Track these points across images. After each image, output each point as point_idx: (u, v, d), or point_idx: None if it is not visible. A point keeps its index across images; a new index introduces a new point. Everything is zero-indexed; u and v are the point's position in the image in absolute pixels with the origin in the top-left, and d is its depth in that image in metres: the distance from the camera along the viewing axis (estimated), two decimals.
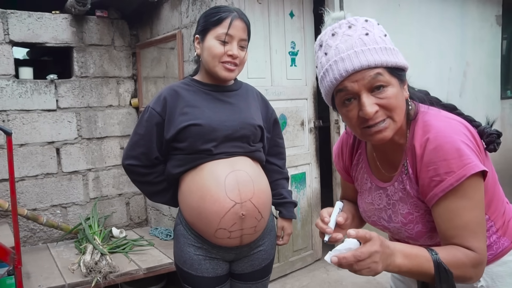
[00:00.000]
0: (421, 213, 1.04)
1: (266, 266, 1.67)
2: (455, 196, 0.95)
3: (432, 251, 0.94)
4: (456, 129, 0.98)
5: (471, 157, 0.94)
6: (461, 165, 0.93)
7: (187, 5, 2.91)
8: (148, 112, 1.55)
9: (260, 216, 1.53)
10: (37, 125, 3.22)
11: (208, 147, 1.49)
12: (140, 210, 3.73)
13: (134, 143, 1.58)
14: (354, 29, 0.97)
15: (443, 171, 0.94)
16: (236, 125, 1.54)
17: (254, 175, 1.54)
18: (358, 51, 0.95)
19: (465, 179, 0.93)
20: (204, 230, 1.50)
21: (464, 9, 4.32)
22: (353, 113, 0.99)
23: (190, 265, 1.55)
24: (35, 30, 3.19)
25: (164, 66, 3.32)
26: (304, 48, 3.30)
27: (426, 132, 0.99)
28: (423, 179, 0.98)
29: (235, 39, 1.50)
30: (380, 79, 0.95)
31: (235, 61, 1.51)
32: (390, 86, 0.97)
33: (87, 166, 3.44)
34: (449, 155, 0.94)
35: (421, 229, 1.05)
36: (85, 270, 2.59)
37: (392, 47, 0.99)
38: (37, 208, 3.24)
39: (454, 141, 0.95)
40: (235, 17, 1.50)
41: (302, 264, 3.37)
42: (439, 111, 1.06)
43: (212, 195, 1.47)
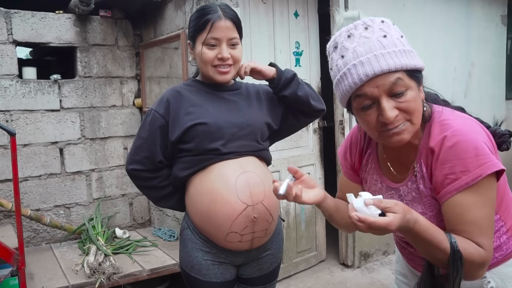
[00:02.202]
0: (435, 212, 1.03)
1: (274, 270, 1.65)
2: (468, 193, 0.94)
3: (449, 236, 0.95)
4: (474, 127, 0.98)
5: (488, 156, 0.93)
6: (477, 165, 0.92)
7: (191, 4, 2.89)
8: (151, 115, 1.52)
9: (271, 218, 1.50)
10: (41, 125, 3.21)
11: (216, 146, 1.47)
12: (144, 211, 3.71)
13: (138, 147, 1.55)
14: (371, 31, 0.96)
15: (459, 169, 0.93)
16: (242, 122, 1.52)
17: (264, 176, 1.51)
18: (378, 54, 0.94)
19: (481, 178, 0.93)
20: (214, 234, 1.47)
21: (469, 9, 4.29)
22: (372, 117, 0.98)
23: (198, 270, 1.52)
24: (39, 30, 3.18)
25: (168, 66, 3.30)
26: (309, 48, 3.28)
27: (443, 130, 0.98)
28: (437, 176, 0.98)
29: (223, 40, 1.46)
30: (401, 83, 0.95)
31: (228, 62, 1.49)
32: (409, 89, 0.96)
33: (90, 166, 3.43)
34: (466, 153, 0.93)
35: None
36: (89, 271, 2.58)
37: (410, 49, 0.98)
38: (40, 208, 3.24)
39: (472, 139, 0.94)
40: (218, 18, 1.44)
41: (306, 265, 3.36)
42: (452, 111, 1.05)
43: (223, 197, 1.43)
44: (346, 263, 3.41)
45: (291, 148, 3.20)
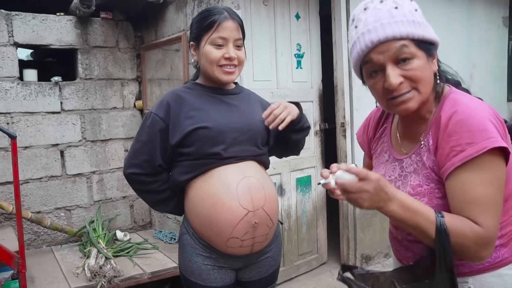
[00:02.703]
0: (431, 186, 1.03)
1: (273, 273, 1.65)
2: (471, 168, 0.94)
3: (439, 214, 0.96)
4: (486, 110, 0.98)
5: (495, 133, 0.93)
6: (484, 138, 0.93)
7: (192, 7, 2.89)
8: (150, 118, 1.51)
9: (271, 223, 1.50)
10: (42, 127, 3.21)
11: (217, 151, 1.46)
12: (144, 213, 3.71)
13: (136, 151, 1.54)
14: (385, 3, 1.00)
15: (465, 141, 0.94)
16: (244, 126, 1.51)
17: (264, 181, 1.51)
18: (385, 23, 0.98)
19: (485, 151, 0.92)
20: (215, 239, 1.47)
21: (471, 11, 4.28)
22: (379, 85, 1.02)
23: (198, 275, 1.51)
24: (40, 32, 3.18)
25: (169, 68, 3.30)
26: (310, 50, 3.27)
27: (455, 105, 0.99)
28: (443, 148, 0.98)
29: (230, 40, 1.47)
30: (405, 50, 0.97)
31: (234, 62, 1.50)
32: (416, 58, 0.99)
33: (91, 168, 3.42)
34: (474, 127, 0.94)
35: (426, 203, 1.02)
36: (90, 274, 2.57)
37: (422, 21, 1.00)
38: (41, 211, 3.23)
39: (482, 116, 0.95)
40: (225, 18, 1.47)
41: (307, 268, 3.35)
42: (468, 94, 1.07)
43: (224, 203, 1.43)
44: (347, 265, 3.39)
45: None
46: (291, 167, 3.17)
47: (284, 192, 3.14)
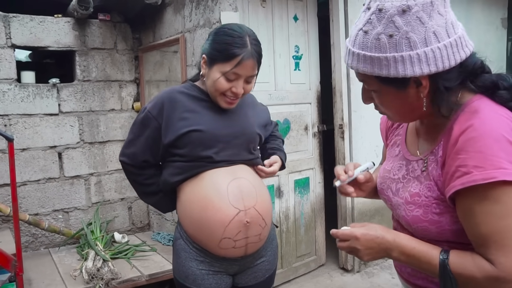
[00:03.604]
0: (430, 200, 0.95)
1: (269, 277, 1.64)
2: (480, 197, 0.84)
3: (444, 254, 0.89)
4: (509, 127, 0.85)
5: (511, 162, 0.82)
6: (495, 166, 0.81)
7: (190, 9, 2.88)
8: (144, 114, 1.52)
9: (264, 223, 1.50)
10: (39, 129, 3.20)
11: (209, 154, 1.46)
12: (143, 215, 3.70)
13: (129, 142, 1.58)
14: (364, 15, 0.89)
15: (472, 163, 0.83)
16: (237, 131, 1.52)
17: (255, 182, 1.52)
18: (350, 49, 0.92)
19: (494, 182, 0.81)
20: (208, 241, 1.46)
21: (469, 12, 4.28)
22: None
23: (192, 281, 1.50)
24: (37, 33, 3.18)
25: (167, 70, 3.30)
26: (308, 52, 3.27)
27: (471, 118, 0.87)
28: (449, 165, 0.88)
29: (243, 77, 1.43)
30: (367, 82, 0.93)
31: (239, 96, 1.47)
32: (377, 93, 0.93)
33: (89, 170, 3.42)
34: (487, 149, 0.82)
35: (419, 216, 0.97)
36: (87, 277, 2.57)
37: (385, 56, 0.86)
38: (39, 213, 3.22)
39: (500, 138, 0.83)
40: (246, 56, 1.38)
41: (305, 270, 3.34)
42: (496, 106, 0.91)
43: (215, 205, 1.43)
44: (346, 267, 3.39)
45: (290, 152, 3.18)
46: (289, 169, 3.16)
47: (282, 194, 3.14)
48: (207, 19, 2.71)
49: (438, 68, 0.86)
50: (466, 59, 0.90)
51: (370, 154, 3.34)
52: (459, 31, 0.90)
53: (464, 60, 0.89)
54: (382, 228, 0.97)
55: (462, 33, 0.91)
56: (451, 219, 0.92)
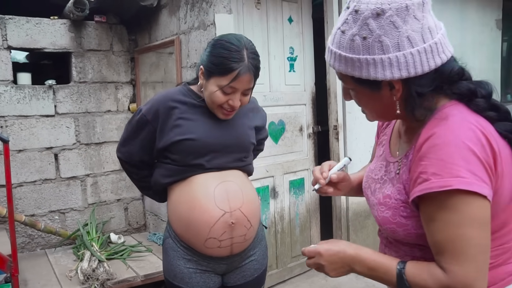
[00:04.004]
0: (399, 203, 0.95)
1: (259, 277, 1.66)
2: (438, 204, 0.84)
3: (401, 264, 0.91)
4: (475, 136, 0.84)
5: (470, 173, 0.81)
6: (452, 174, 0.81)
7: (185, 11, 2.90)
8: (139, 116, 1.55)
9: (249, 224, 1.53)
10: (35, 130, 3.22)
11: (200, 162, 1.50)
12: (139, 216, 3.72)
13: (124, 140, 1.63)
14: (343, 15, 0.90)
15: (432, 170, 0.83)
16: (230, 141, 1.54)
17: (242, 185, 1.55)
18: (330, 48, 0.93)
19: (451, 190, 0.81)
20: (194, 240, 1.50)
21: (464, 13, 4.31)
22: None
23: (180, 279, 1.54)
24: (33, 35, 3.19)
25: (163, 72, 3.31)
26: (303, 54, 3.29)
27: (437, 125, 0.87)
28: (413, 171, 0.89)
29: (239, 90, 1.43)
30: (345, 80, 0.94)
31: (235, 109, 1.48)
32: (354, 90, 0.95)
33: (85, 171, 3.44)
34: (448, 157, 0.82)
35: (388, 217, 0.98)
36: (83, 277, 2.59)
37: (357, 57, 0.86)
38: (35, 214, 3.24)
39: (461, 145, 0.82)
40: (243, 71, 1.38)
41: (300, 270, 3.36)
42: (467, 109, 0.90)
43: (202, 205, 1.47)
44: None
45: (285, 153, 3.20)
46: (284, 169, 3.19)
47: (277, 194, 3.16)
48: (202, 21, 2.73)
49: (410, 73, 0.86)
50: (443, 65, 0.89)
51: (365, 155, 3.36)
52: (436, 37, 0.88)
53: (440, 66, 0.89)
54: (346, 243, 1.00)
55: (440, 39, 0.89)
56: (417, 224, 0.92)
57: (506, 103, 4.91)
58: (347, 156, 1.23)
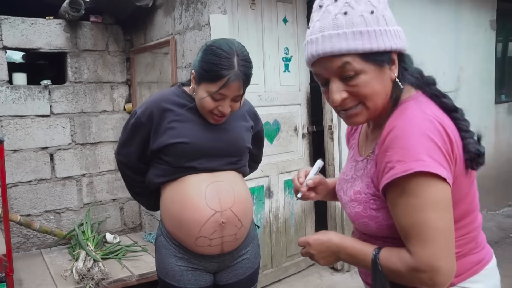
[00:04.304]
0: (368, 196, 0.99)
1: (251, 275, 1.67)
2: (403, 189, 0.87)
3: (376, 250, 0.96)
4: (432, 125, 0.89)
5: (429, 157, 0.85)
6: (413, 158, 0.85)
7: (180, 11, 2.91)
8: (134, 118, 1.56)
9: (240, 224, 1.54)
10: (31, 130, 3.22)
11: (192, 165, 1.51)
12: (134, 215, 3.72)
13: (123, 142, 1.63)
14: (337, 5, 0.92)
15: (396, 158, 0.87)
16: (224, 146, 1.55)
17: (234, 184, 1.56)
18: (326, 35, 0.91)
19: (412, 173, 0.85)
20: (185, 239, 1.52)
21: (458, 14, 4.33)
22: (328, 96, 0.98)
23: (172, 277, 1.55)
24: (29, 36, 3.20)
25: (158, 72, 3.32)
26: (298, 54, 3.30)
27: (397, 119, 0.92)
28: (380, 162, 0.92)
29: (229, 97, 1.43)
30: (348, 68, 0.91)
31: (225, 115, 1.48)
32: (362, 73, 0.91)
33: (81, 171, 3.44)
34: (409, 144, 0.87)
35: (360, 212, 1.01)
36: (78, 277, 2.59)
37: (373, 29, 0.91)
38: (30, 214, 3.24)
39: (420, 134, 0.87)
40: (232, 78, 1.38)
41: (295, 270, 3.37)
42: (428, 102, 0.96)
43: (193, 204, 1.48)
44: (336, 267, 3.43)
45: (280, 153, 3.22)
46: (279, 169, 3.20)
47: (272, 194, 3.17)
48: (197, 21, 2.74)
49: (403, 45, 0.96)
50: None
51: None
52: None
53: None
54: (333, 233, 1.05)
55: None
56: (387, 215, 0.96)
57: (500, 104, 4.94)
58: (319, 159, 1.26)
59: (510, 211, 4.98)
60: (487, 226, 4.49)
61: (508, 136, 5.02)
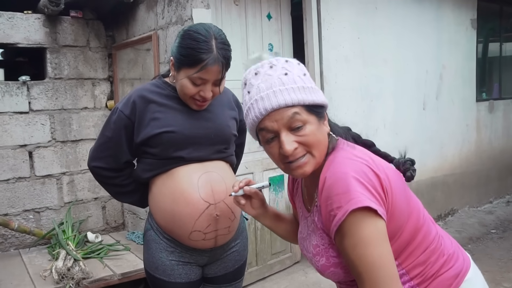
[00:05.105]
0: (326, 246, 1.03)
1: (239, 268, 1.65)
2: (342, 233, 0.94)
3: None
4: (356, 167, 0.97)
5: (357, 192, 0.92)
6: (347, 200, 0.92)
7: (162, 6, 2.87)
8: (116, 114, 1.50)
9: (233, 216, 1.51)
10: (9, 127, 3.13)
11: (180, 155, 1.47)
12: (117, 214, 3.66)
13: (101, 145, 1.53)
14: (275, 69, 1.01)
15: (335, 205, 0.94)
16: (210, 132, 1.51)
17: (225, 175, 1.52)
18: (277, 90, 0.99)
19: (348, 214, 0.91)
20: (178, 233, 1.47)
21: (440, 13, 4.39)
22: (275, 150, 1.03)
23: (162, 271, 1.51)
24: (6, 30, 3.11)
25: (141, 68, 3.27)
26: (282, 50, 3.29)
27: (327, 169, 1.01)
28: (324, 213, 0.99)
29: (210, 81, 1.41)
30: (298, 118, 0.99)
31: (207, 99, 1.45)
32: (308, 124, 1.00)
33: (61, 169, 3.36)
34: (340, 190, 0.94)
35: (324, 263, 1.04)
36: (57, 277, 2.52)
37: (311, 86, 1.03)
38: (8, 213, 3.15)
39: (347, 177, 0.95)
40: (211, 62, 1.36)
41: (280, 267, 3.36)
42: (353, 148, 1.06)
43: (186, 197, 1.44)
44: None
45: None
46: (263, 166, 3.18)
47: None
48: (179, 16, 2.70)
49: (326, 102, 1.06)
50: None
51: None
52: None
53: None
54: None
55: None
56: None
57: (481, 102, 5.02)
58: (267, 181, 1.30)
59: (491, 208, 5.06)
60: (469, 223, 4.56)
61: (489, 134, 5.11)
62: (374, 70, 3.75)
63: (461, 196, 4.77)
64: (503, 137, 5.30)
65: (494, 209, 4.99)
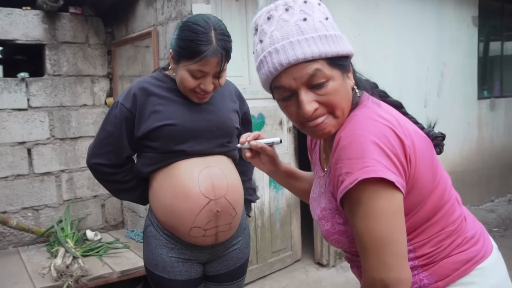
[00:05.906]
0: (332, 211, 0.95)
1: (241, 266, 1.62)
2: (351, 201, 0.84)
3: None
4: (377, 129, 0.85)
5: (373, 160, 0.81)
6: (359, 167, 0.81)
7: (162, 1, 2.85)
8: (117, 108, 1.46)
9: (234, 212, 1.48)
10: (7, 124, 3.11)
11: (182, 148, 1.44)
12: (116, 212, 3.63)
13: (102, 140, 1.50)
14: (291, 13, 0.87)
15: (345, 170, 0.84)
16: (212, 125, 1.48)
17: (226, 170, 1.49)
18: (294, 41, 0.85)
19: (358, 182, 0.81)
20: (178, 228, 1.44)
21: (441, 10, 4.36)
22: (293, 109, 0.91)
23: (162, 268, 1.48)
24: (4, 26, 3.09)
25: (140, 65, 3.25)
26: None
27: (344, 127, 0.89)
28: (333, 176, 0.89)
29: (210, 73, 1.38)
30: (319, 75, 0.86)
31: (208, 92, 1.43)
32: (331, 80, 0.87)
33: (60, 167, 3.34)
34: (353, 154, 0.83)
35: (329, 229, 0.96)
36: (56, 274, 2.50)
37: (334, 33, 0.89)
38: (7, 210, 3.13)
39: (365, 140, 0.83)
40: (210, 53, 1.33)
41: (281, 265, 3.34)
42: (378, 106, 0.93)
43: (186, 192, 1.41)
44: (321, 262, 3.40)
45: None
46: None
47: (257, 189, 3.13)
48: (179, 11, 2.68)
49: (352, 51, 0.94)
50: None
51: None
52: None
53: None
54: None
55: None
56: None
57: (483, 99, 4.99)
58: (279, 138, 1.19)
59: (493, 206, 5.04)
60: None
61: (491, 132, 5.08)
62: (374, 67, 3.72)
63: (462, 195, 4.69)
64: (504, 135, 5.28)
65: (496, 208, 4.96)
